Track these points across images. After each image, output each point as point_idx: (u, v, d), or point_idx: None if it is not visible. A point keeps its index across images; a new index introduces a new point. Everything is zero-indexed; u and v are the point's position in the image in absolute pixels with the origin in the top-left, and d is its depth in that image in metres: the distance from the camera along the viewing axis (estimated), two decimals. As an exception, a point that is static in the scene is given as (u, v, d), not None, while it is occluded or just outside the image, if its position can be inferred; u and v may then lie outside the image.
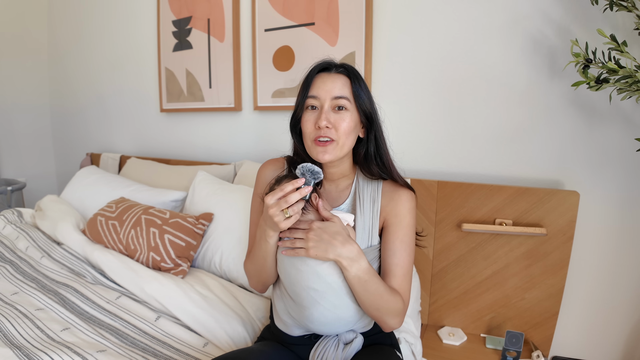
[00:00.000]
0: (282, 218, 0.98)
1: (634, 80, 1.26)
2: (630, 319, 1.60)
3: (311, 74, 1.10)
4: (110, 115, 2.99)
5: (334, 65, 1.11)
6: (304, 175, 0.99)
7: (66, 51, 3.17)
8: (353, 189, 1.19)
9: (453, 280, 1.74)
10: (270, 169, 1.24)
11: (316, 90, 1.08)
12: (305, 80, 1.11)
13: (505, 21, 1.64)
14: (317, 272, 1.03)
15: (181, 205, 2.12)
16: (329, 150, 1.07)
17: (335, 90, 1.06)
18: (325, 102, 1.06)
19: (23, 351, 1.15)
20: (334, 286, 1.04)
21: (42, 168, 3.42)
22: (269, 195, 0.98)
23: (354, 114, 1.09)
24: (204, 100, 2.42)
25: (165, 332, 1.35)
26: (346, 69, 1.10)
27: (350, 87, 1.08)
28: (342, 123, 1.06)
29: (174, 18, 2.46)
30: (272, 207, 0.97)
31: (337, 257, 0.99)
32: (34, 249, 1.89)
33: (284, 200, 0.96)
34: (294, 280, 1.07)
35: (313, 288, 1.04)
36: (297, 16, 2.04)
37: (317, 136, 1.06)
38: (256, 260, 1.14)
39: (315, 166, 1.00)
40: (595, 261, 1.63)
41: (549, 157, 1.64)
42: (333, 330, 1.10)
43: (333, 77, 1.08)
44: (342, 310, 1.06)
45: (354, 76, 1.09)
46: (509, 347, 1.49)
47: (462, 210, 1.69)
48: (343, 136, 1.07)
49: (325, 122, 1.04)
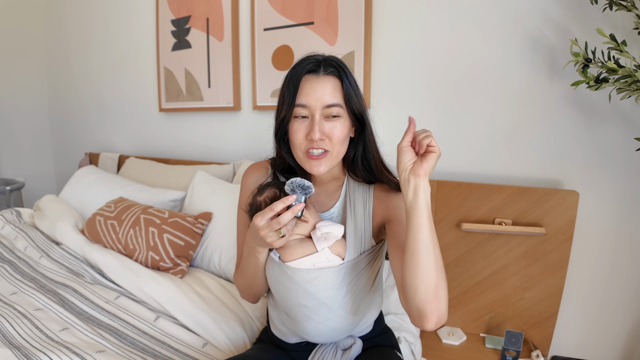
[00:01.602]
0: (276, 238, 0.93)
1: (634, 79, 1.26)
2: (630, 318, 1.60)
3: (297, 76, 0.99)
4: (109, 115, 2.98)
5: (322, 65, 0.99)
6: (295, 192, 0.92)
7: (65, 50, 3.17)
8: (343, 192, 1.12)
9: (452, 280, 1.74)
10: (254, 176, 1.17)
11: (305, 97, 0.97)
12: (290, 84, 0.99)
13: (505, 21, 1.64)
14: (307, 289, 1.00)
15: (180, 205, 2.12)
16: (324, 163, 1.00)
17: (326, 97, 0.97)
18: (316, 111, 0.97)
19: (22, 351, 1.15)
20: (326, 301, 1.01)
21: (40, 168, 3.41)
22: (259, 216, 0.92)
23: (347, 119, 1.01)
24: (203, 99, 2.42)
25: (165, 332, 1.35)
26: (335, 68, 0.99)
27: (341, 91, 0.99)
28: (336, 132, 0.98)
29: (172, 17, 2.46)
30: (264, 229, 0.91)
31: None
32: (33, 248, 1.89)
33: (276, 222, 0.90)
34: (284, 297, 1.04)
35: (304, 305, 1.01)
36: (297, 15, 2.04)
37: (309, 148, 0.99)
38: (246, 275, 1.10)
39: (305, 181, 0.93)
40: (594, 261, 1.63)
41: (549, 156, 1.64)
42: (329, 339, 1.08)
43: (322, 80, 0.98)
44: (337, 322, 1.03)
45: (344, 75, 0.99)
46: (508, 347, 1.49)
47: (462, 209, 1.69)
48: (337, 145, 0.99)
49: (318, 135, 0.96)
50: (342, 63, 1.01)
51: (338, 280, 1.01)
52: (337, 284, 1.01)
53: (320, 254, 1.01)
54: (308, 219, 1.02)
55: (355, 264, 1.03)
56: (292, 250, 1.03)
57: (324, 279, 1.00)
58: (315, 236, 1.01)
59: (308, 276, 1.00)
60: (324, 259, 1.01)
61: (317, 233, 1.01)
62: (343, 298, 1.02)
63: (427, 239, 0.85)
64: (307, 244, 1.02)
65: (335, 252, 1.02)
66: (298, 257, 1.02)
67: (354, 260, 1.03)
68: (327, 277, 1.00)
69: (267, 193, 1.01)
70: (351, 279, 1.02)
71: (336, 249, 1.02)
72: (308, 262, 1.01)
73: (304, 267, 1.01)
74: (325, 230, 1.00)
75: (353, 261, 1.03)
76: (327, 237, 1.00)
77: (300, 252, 1.02)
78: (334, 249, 1.02)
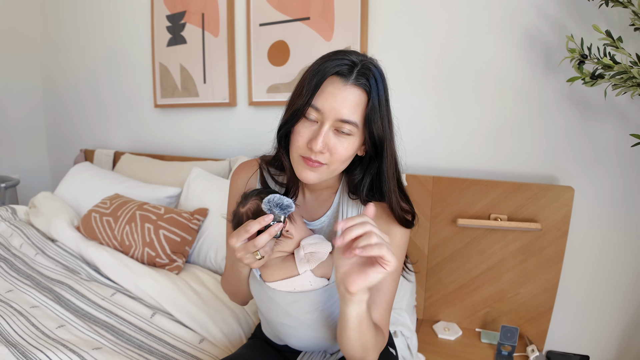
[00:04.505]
0: (253, 260, 0.86)
1: (629, 76, 1.26)
2: (625, 313, 1.61)
3: (324, 73, 0.85)
4: (104, 111, 2.97)
5: (354, 72, 0.85)
6: (272, 211, 0.84)
7: (59, 46, 3.14)
8: (336, 201, 1.02)
9: (448, 275, 1.75)
10: (243, 178, 1.08)
11: (322, 101, 0.85)
12: (313, 79, 0.85)
13: (501, 17, 1.64)
14: (287, 311, 0.95)
15: (176, 202, 2.12)
16: (317, 173, 0.90)
17: (343, 110, 0.84)
18: (327, 120, 0.85)
19: (19, 349, 1.15)
20: (308, 322, 0.95)
21: (35, 165, 3.39)
22: (234, 237, 0.84)
23: (358, 139, 0.89)
24: (199, 95, 2.41)
25: (161, 329, 1.35)
26: (368, 80, 0.85)
27: (364, 109, 0.86)
28: (340, 149, 0.87)
29: (168, 13, 2.44)
30: (240, 251, 0.84)
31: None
32: (28, 246, 1.88)
33: (251, 244, 0.82)
34: (266, 314, 1.01)
35: (286, 324, 0.97)
36: (292, 11, 2.03)
37: (307, 157, 0.88)
38: (231, 282, 1.06)
39: (284, 198, 0.85)
40: (589, 256, 1.63)
41: (544, 152, 1.65)
42: (316, 348, 1.05)
43: (347, 90, 0.84)
44: (322, 339, 0.99)
45: (376, 91, 0.85)
46: (503, 342, 1.50)
47: (457, 205, 1.69)
48: (337, 162, 0.89)
49: (320, 146, 0.85)
50: (379, 75, 0.87)
51: (322, 303, 0.94)
52: (320, 306, 0.94)
53: (302, 277, 0.92)
54: (293, 234, 0.94)
55: None
56: (272, 270, 0.95)
57: (305, 302, 0.93)
58: (298, 256, 0.93)
59: (288, 298, 0.94)
60: (305, 283, 0.92)
61: (300, 253, 0.92)
62: (327, 318, 0.96)
63: (354, 329, 0.82)
64: (289, 264, 0.94)
65: (320, 274, 0.93)
66: (278, 279, 0.94)
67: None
68: (309, 300, 0.93)
69: (249, 205, 0.93)
70: (337, 299, 0.93)
71: (320, 271, 0.93)
72: (288, 285, 0.93)
73: (284, 289, 0.94)
74: (310, 250, 0.92)
75: None
76: (310, 258, 0.91)
77: (281, 274, 0.94)
78: (318, 271, 0.92)
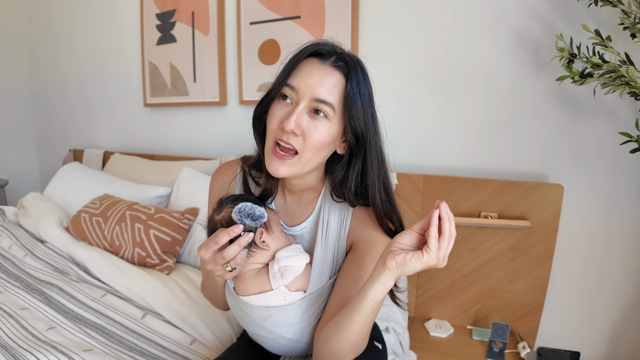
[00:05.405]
0: (223, 272, 0.82)
1: (618, 74, 1.27)
2: (615, 310, 1.63)
3: (300, 55, 0.83)
4: (93, 111, 2.94)
5: (332, 53, 0.83)
6: (242, 221, 0.80)
7: (48, 45, 3.10)
8: (318, 206, 0.96)
9: (439, 273, 1.75)
10: (222, 180, 1.03)
11: (297, 79, 0.81)
12: (290, 61, 0.84)
13: (491, 16, 1.65)
14: (262, 325, 0.92)
15: (166, 202, 2.10)
16: (286, 165, 0.83)
17: (320, 89, 0.80)
18: (302, 99, 0.81)
19: (9, 351, 1.13)
20: (285, 335, 0.91)
21: (24, 165, 3.35)
22: (203, 248, 0.80)
23: (336, 125, 0.83)
24: (189, 94, 2.39)
25: (152, 330, 1.34)
26: (346, 63, 0.83)
27: (342, 91, 0.82)
28: (314, 133, 0.81)
29: (157, 11, 2.42)
30: (209, 263, 0.80)
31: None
32: (18, 247, 1.86)
33: (220, 256, 0.78)
34: (242, 325, 1.00)
35: (262, 335, 0.95)
36: (283, 9, 2.02)
37: (278, 138, 0.82)
38: (209, 290, 1.04)
39: (256, 207, 0.80)
40: (579, 253, 1.65)
41: (534, 151, 1.66)
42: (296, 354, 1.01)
43: (325, 70, 0.81)
44: (301, 348, 0.96)
45: (354, 76, 0.82)
46: (495, 339, 1.51)
47: (448, 203, 1.67)
48: (310, 150, 0.82)
49: (293, 126, 0.79)
50: (359, 65, 0.85)
51: (297, 316, 0.90)
52: (296, 319, 0.90)
53: (275, 293, 0.88)
54: (269, 245, 0.89)
55: (321, 292, 0.91)
56: (245, 283, 0.91)
57: (279, 317, 0.89)
58: (272, 271, 0.88)
59: (262, 313, 0.90)
60: (279, 298, 0.88)
61: (274, 267, 0.88)
62: (304, 329, 0.91)
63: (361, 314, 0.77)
64: (263, 277, 0.90)
65: (295, 288, 0.89)
66: (251, 293, 0.90)
67: (319, 290, 0.90)
68: (284, 315, 0.90)
69: (224, 213, 0.89)
70: (314, 310, 0.90)
71: (296, 285, 0.89)
72: (262, 300, 0.89)
73: (258, 304, 0.90)
74: (284, 263, 0.87)
75: (318, 291, 0.90)
76: (284, 272, 0.87)
77: (254, 287, 0.90)
78: (293, 285, 0.89)
